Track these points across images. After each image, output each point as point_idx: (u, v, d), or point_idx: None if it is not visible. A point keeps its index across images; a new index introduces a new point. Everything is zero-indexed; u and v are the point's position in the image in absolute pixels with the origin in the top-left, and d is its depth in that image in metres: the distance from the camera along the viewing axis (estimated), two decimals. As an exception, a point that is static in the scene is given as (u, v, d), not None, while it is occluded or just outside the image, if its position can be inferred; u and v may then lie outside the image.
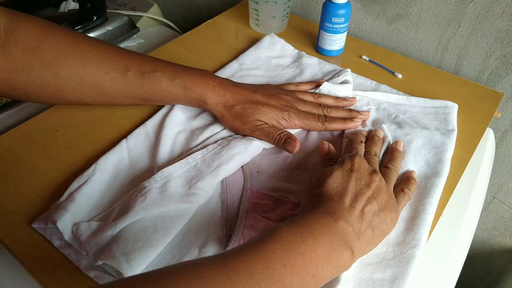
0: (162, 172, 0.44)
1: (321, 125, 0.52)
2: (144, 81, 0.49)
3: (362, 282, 0.38)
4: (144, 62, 0.50)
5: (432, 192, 0.45)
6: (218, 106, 0.51)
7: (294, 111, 0.51)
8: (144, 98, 0.51)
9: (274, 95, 0.52)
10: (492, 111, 0.58)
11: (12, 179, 0.48)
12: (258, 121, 0.50)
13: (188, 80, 0.50)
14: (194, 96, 0.50)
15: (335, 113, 0.53)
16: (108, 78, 0.48)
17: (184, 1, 1.07)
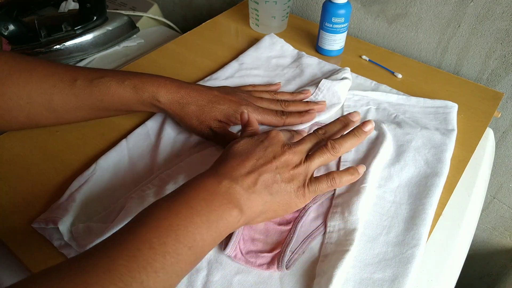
0: (160, 176, 0.44)
1: (280, 119, 0.51)
2: (93, 87, 0.47)
3: (362, 282, 0.38)
4: (92, 71, 0.49)
5: (432, 192, 0.45)
6: (172, 103, 0.49)
7: (252, 106, 0.50)
8: (95, 108, 0.49)
9: (230, 92, 0.51)
10: (492, 111, 0.58)
11: (12, 179, 0.48)
12: (215, 121, 0.49)
13: (137, 81, 0.48)
14: (146, 96, 0.48)
15: (292, 107, 0.53)
16: (57, 91, 0.46)
17: (184, 1, 1.07)
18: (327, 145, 0.42)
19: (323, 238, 0.42)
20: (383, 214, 0.43)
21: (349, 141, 0.43)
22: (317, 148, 0.42)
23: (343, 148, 0.42)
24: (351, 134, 0.43)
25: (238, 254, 0.40)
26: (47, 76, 0.46)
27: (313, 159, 0.41)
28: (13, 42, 0.70)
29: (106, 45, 0.76)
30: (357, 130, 0.44)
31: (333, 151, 0.41)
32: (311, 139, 0.43)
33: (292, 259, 0.40)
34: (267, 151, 0.39)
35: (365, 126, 0.44)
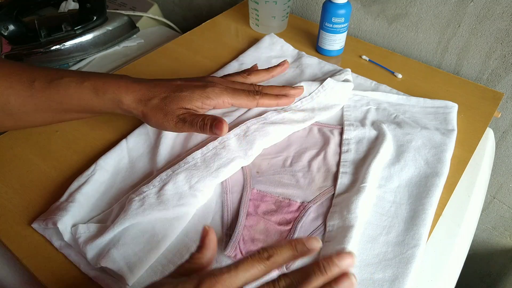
0: (160, 176, 0.44)
1: (252, 99, 0.47)
2: (51, 89, 0.44)
3: (362, 282, 0.38)
4: (52, 72, 0.45)
5: (432, 192, 0.45)
6: (134, 103, 0.45)
7: (219, 87, 0.46)
8: (55, 110, 0.46)
9: (196, 78, 0.48)
10: (492, 111, 0.58)
11: (12, 179, 0.48)
12: (179, 109, 0.44)
13: (98, 82, 0.45)
14: (108, 97, 0.45)
15: (267, 89, 0.50)
16: (13, 92, 0.43)
17: (184, 1, 1.07)
18: None
19: (322, 238, 0.42)
20: (383, 214, 0.43)
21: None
22: None
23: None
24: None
25: (238, 254, 0.40)
26: (3, 77, 0.43)
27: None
28: (13, 42, 0.70)
29: (106, 45, 0.76)
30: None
31: None
32: None
33: (292, 259, 0.40)
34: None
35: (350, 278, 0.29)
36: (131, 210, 0.41)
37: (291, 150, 0.51)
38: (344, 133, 0.53)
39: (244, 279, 0.28)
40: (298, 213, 0.43)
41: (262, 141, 0.49)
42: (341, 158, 0.49)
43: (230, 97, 0.46)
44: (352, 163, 0.49)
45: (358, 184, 0.45)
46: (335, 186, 0.46)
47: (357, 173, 0.47)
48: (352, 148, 0.51)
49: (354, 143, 0.51)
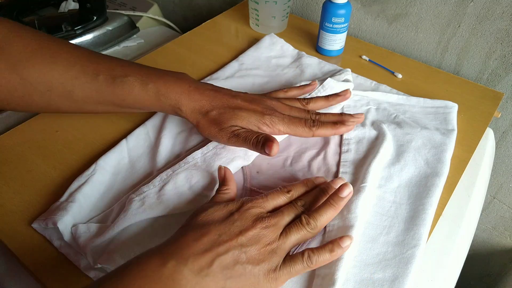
0: (160, 176, 0.44)
1: (308, 131, 0.48)
2: (115, 86, 0.46)
3: (362, 282, 0.38)
4: (116, 66, 0.47)
5: (432, 192, 0.45)
6: (193, 113, 0.46)
7: (277, 115, 0.47)
8: (117, 105, 0.48)
9: (255, 100, 0.48)
10: (492, 111, 0.58)
11: (12, 179, 0.48)
12: (234, 126, 0.45)
13: (161, 85, 0.46)
14: (169, 103, 0.46)
15: (324, 118, 0.50)
16: (78, 83, 0.45)
17: (184, 1, 1.07)
18: (302, 220, 0.38)
19: (322, 238, 0.42)
20: (383, 214, 0.43)
21: (326, 213, 0.39)
22: (293, 224, 0.38)
23: (320, 223, 0.38)
24: (328, 204, 0.39)
25: (238, 254, 0.40)
26: (69, 67, 0.45)
27: (289, 236, 0.37)
28: (13, 42, 0.70)
29: (106, 45, 0.76)
30: (334, 198, 0.40)
31: (309, 227, 0.37)
32: (289, 212, 0.39)
33: (292, 259, 0.40)
34: (234, 225, 0.35)
35: (342, 191, 0.40)
36: (131, 210, 0.41)
37: (291, 150, 0.51)
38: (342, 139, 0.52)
39: (273, 204, 0.39)
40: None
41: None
42: (341, 158, 0.49)
43: (286, 127, 0.47)
44: (352, 163, 0.49)
45: (358, 184, 0.45)
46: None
47: (357, 173, 0.47)
48: (352, 148, 0.51)
49: (354, 143, 0.51)
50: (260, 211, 0.37)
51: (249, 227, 0.35)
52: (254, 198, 0.39)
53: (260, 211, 0.37)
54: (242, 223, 0.36)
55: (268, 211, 0.39)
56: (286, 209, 0.39)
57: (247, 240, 0.34)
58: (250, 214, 0.37)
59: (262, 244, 0.35)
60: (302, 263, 0.36)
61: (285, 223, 0.38)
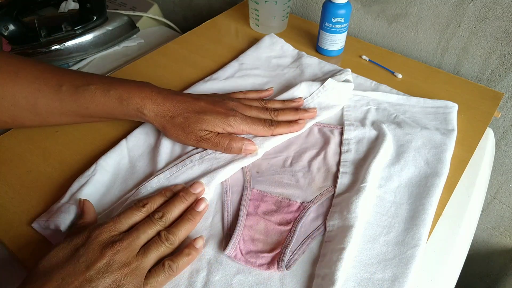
0: (158, 178, 0.45)
1: (268, 130, 0.49)
2: (78, 95, 0.46)
3: (362, 282, 0.38)
4: (79, 77, 0.47)
5: (432, 192, 0.45)
6: (157, 117, 0.47)
7: (239, 116, 0.48)
8: (80, 114, 0.48)
9: (218, 102, 0.49)
10: (492, 111, 0.58)
11: (12, 179, 0.48)
12: (202, 131, 0.47)
13: (123, 91, 0.47)
14: (131, 107, 0.47)
15: (282, 116, 0.51)
16: (41, 95, 0.46)
17: (184, 1, 1.07)
18: (161, 237, 0.37)
19: (322, 238, 0.42)
20: (383, 214, 0.43)
21: (183, 228, 0.39)
22: (152, 241, 0.37)
23: (178, 237, 0.38)
24: (185, 219, 0.40)
25: (238, 254, 0.40)
26: (32, 80, 0.45)
27: (148, 253, 0.36)
28: (13, 42, 0.70)
29: (106, 45, 0.76)
30: (191, 213, 0.40)
31: (168, 242, 0.37)
32: (145, 229, 0.37)
33: (292, 260, 0.40)
34: (79, 262, 0.33)
35: (198, 206, 0.41)
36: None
37: (291, 150, 0.51)
38: (344, 133, 0.53)
39: (127, 224, 0.38)
40: (298, 213, 0.43)
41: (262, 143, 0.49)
42: (341, 158, 0.49)
43: (248, 127, 0.48)
44: (352, 163, 0.49)
45: (358, 184, 0.45)
46: (335, 186, 0.46)
47: (357, 173, 0.47)
48: (352, 148, 0.51)
49: (354, 143, 0.51)
50: (110, 235, 0.35)
51: (97, 258, 0.33)
52: (104, 223, 0.37)
53: (110, 235, 0.35)
54: (89, 256, 0.33)
55: (123, 231, 0.37)
56: (142, 226, 0.37)
57: (96, 273, 0.32)
58: (98, 243, 0.34)
59: (115, 269, 0.33)
60: (164, 274, 0.36)
61: (142, 242, 0.37)
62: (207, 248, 0.40)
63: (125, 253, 0.34)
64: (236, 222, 0.42)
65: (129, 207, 0.39)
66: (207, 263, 0.39)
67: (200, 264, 0.39)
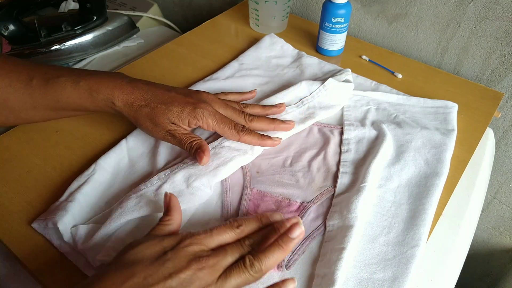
0: (159, 175, 0.44)
1: (236, 134, 0.46)
2: (48, 88, 0.45)
3: (362, 282, 0.38)
4: (49, 70, 0.46)
5: (432, 192, 0.45)
6: (126, 106, 0.45)
7: (209, 110, 0.45)
8: (52, 108, 0.47)
9: (190, 93, 0.47)
10: (492, 111, 0.58)
11: (12, 179, 0.48)
12: (169, 124, 0.45)
13: (93, 82, 0.45)
14: (101, 98, 0.45)
15: (255, 123, 0.49)
16: (12, 90, 0.45)
17: (184, 1, 1.07)
18: (245, 262, 0.33)
19: (322, 238, 0.42)
20: (383, 214, 0.43)
21: (273, 256, 0.34)
22: (235, 265, 0.34)
23: (265, 266, 0.34)
24: (276, 245, 0.35)
25: (238, 254, 0.40)
26: (3, 75, 0.45)
27: (229, 279, 0.33)
28: (13, 42, 0.70)
29: (106, 45, 0.76)
30: (283, 239, 0.35)
31: (253, 270, 0.33)
32: (233, 251, 0.34)
33: (292, 259, 0.40)
34: (164, 266, 0.32)
35: (293, 232, 0.36)
36: (127, 206, 0.41)
37: (291, 150, 0.51)
38: (344, 133, 0.53)
39: (217, 241, 0.35)
40: (298, 213, 0.43)
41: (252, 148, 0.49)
42: (341, 158, 0.49)
43: (215, 124, 0.46)
44: (352, 163, 0.49)
45: (358, 184, 0.45)
46: (335, 186, 0.46)
47: (357, 173, 0.47)
48: (352, 148, 0.51)
49: (354, 143, 0.51)
50: (199, 249, 0.34)
51: (182, 268, 0.32)
52: (197, 233, 0.35)
53: (200, 249, 0.34)
54: (175, 263, 0.32)
55: (211, 248, 0.35)
56: (231, 248, 0.35)
57: (176, 284, 0.31)
58: (186, 252, 0.33)
59: (195, 286, 0.31)
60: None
61: (227, 264, 0.34)
62: (207, 248, 0.40)
63: (208, 272, 0.32)
64: (236, 222, 0.42)
65: (223, 224, 0.36)
66: (207, 263, 0.39)
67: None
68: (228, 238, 0.36)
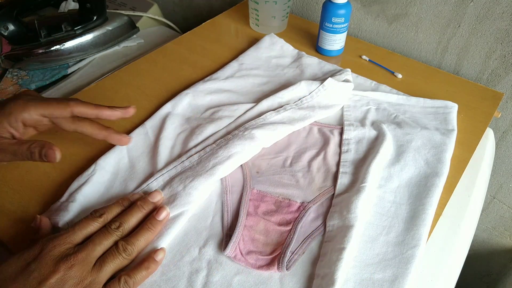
0: (157, 181, 0.45)
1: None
2: None
3: (362, 282, 0.38)
4: None
5: (432, 192, 0.45)
6: None
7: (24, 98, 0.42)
8: None
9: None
10: (492, 111, 0.58)
11: (12, 179, 0.48)
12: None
13: None
14: None
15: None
16: None
17: (184, 1, 1.07)
18: (118, 247, 0.35)
19: (322, 238, 0.42)
20: (383, 214, 0.43)
21: (143, 237, 0.37)
22: (108, 252, 0.35)
23: (137, 248, 0.36)
24: (144, 228, 0.38)
25: (238, 255, 0.40)
26: None
27: (104, 267, 0.34)
28: (13, 42, 0.70)
29: (106, 45, 0.76)
30: (151, 221, 0.38)
31: (126, 253, 0.35)
32: (101, 240, 0.35)
33: (292, 260, 0.40)
34: (30, 278, 0.31)
35: (159, 214, 0.39)
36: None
37: (291, 150, 0.51)
38: (344, 133, 0.53)
39: (81, 235, 0.35)
40: (298, 213, 0.43)
41: (261, 139, 0.49)
42: (341, 158, 0.49)
43: (37, 107, 0.41)
44: (352, 163, 0.49)
45: (358, 184, 0.45)
46: (335, 186, 0.46)
47: (357, 173, 0.47)
48: (352, 148, 0.51)
49: (354, 143, 0.51)
50: (65, 249, 0.33)
51: (51, 273, 0.31)
52: (58, 235, 0.35)
53: (66, 248, 0.33)
54: (42, 271, 0.31)
55: (78, 243, 0.35)
56: (98, 237, 0.35)
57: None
58: (51, 257, 0.32)
59: (69, 286, 0.32)
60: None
61: (98, 255, 0.35)
62: (207, 248, 0.40)
63: (79, 268, 0.33)
64: (236, 222, 0.42)
65: (85, 217, 0.37)
66: (207, 263, 0.39)
67: (200, 264, 0.39)
68: (93, 229, 0.36)
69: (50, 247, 0.33)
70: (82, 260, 0.33)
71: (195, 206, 0.44)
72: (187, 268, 0.39)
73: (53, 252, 0.33)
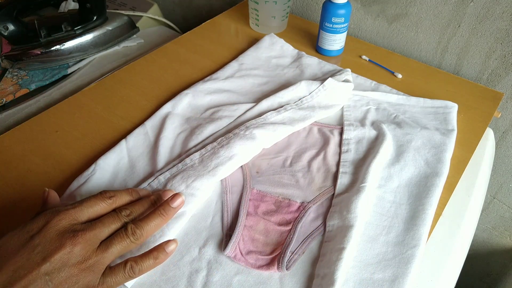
0: (158, 179, 0.45)
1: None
2: None
3: (362, 282, 0.38)
4: None
5: (432, 192, 0.44)
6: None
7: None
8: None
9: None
10: (492, 111, 0.58)
11: (12, 179, 0.48)
12: None
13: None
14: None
15: None
16: None
17: (184, 1, 1.07)
18: (127, 230, 0.34)
19: (322, 238, 0.42)
20: (383, 214, 0.43)
21: (153, 222, 0.35)
22: (116, 234, 0.34)
23: (146, 232, 0.35)
24: (157, 213, 0.36)
25: (238, 255, 0.40)
26: None
27: (109, 248, 0.32)
28: (13, 42, 0.70)
29: (106, 45, 0.76)
30: (164, 207, 0.37)
31: (134, 237, 0.34)
32: (109, 222, 0.34)
33: (292, 260, 0.40)
34: (34, 252, 0.29)
35: (174, 201, 0.37)
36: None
37: (291, 150, 0.51)
38: (344, 133, 0.53)
39: (88, 214, 0.34)
40: (298, 213, 0.43)
41: (262, 140, 0.49)
42: (341, 158, 0.49)
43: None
44: (352, 163, 0.49)
45: (358, 184, 0.45)
46: (335, 186, 0.46)
47: (357, 173, 0.47)
48: (352, 148, 0.51)
49: (354, 143, 0.51)
50: (71, 224, 0.32)
51: (56, 248, 0.30)
52: (64, 208, 0.33)
53: (71, 224, 0.32)
54: (46, 246, 0.30)
55: (83, 221, 0.33)
56: (107, 219, 0.34)
57: (52, 267, 0.29)
58: (56, 231, 0.31)
59: (73, 264, 0.30)
60: (124, 275, 0.33)
61: (104, 236, 0.33)
62: (207, 248, 0.40)
63: (84, 246, 0.31)
64: (236, 222, 0.42)
65: (93, 195, 0.35)
66: (207, 263, 0.39)
67: (200, 264, 0.39)
68: (100, 210, 0.35)
69: (56, 220, 0.32)
70: (88, 239, 0.32)
71: (196, 206, 0.44)
72: (187, 268, 0.39)
73: (58, 227, 0.31)
